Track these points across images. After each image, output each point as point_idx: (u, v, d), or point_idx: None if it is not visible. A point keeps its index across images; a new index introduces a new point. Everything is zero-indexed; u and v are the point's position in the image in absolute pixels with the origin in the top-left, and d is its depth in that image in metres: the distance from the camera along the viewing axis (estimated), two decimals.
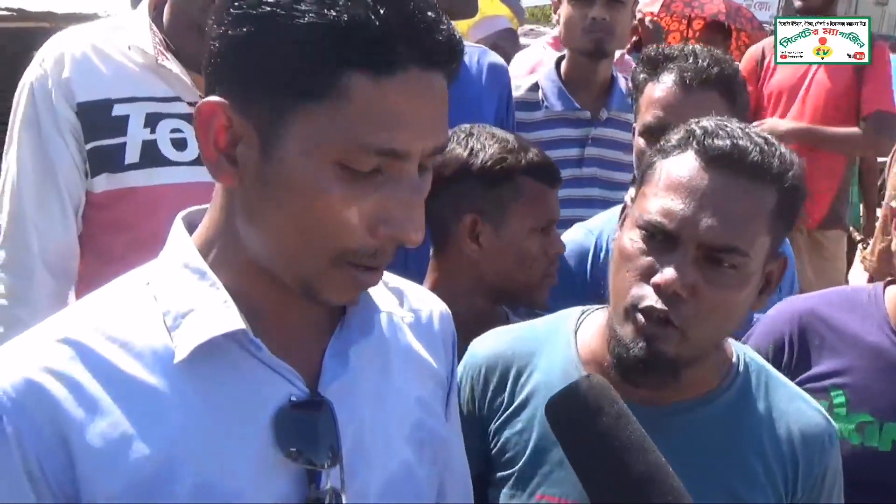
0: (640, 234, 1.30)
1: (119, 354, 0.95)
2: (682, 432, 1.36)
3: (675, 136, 1.35)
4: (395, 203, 0.92)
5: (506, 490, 1.42)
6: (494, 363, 1.48)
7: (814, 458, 1.38)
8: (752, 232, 1.27)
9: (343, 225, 0.92)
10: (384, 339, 1.12)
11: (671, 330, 1.27)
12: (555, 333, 1.49)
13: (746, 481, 1.35)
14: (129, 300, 1.00)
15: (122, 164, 1.91)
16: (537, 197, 1.82)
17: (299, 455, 0.97)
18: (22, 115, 1.93)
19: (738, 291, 1.29)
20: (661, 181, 1.31)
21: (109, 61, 1.92)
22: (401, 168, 0.92)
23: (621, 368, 1.31)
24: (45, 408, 0.91)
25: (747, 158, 1.27)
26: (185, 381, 0.96)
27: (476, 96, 2.40)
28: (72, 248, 1.98)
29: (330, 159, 0.89)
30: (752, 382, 1.42)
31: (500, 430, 1.45)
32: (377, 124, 0.88)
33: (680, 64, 1.99)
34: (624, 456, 1.16)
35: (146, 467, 0.92)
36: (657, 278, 1.26)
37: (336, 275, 0.95)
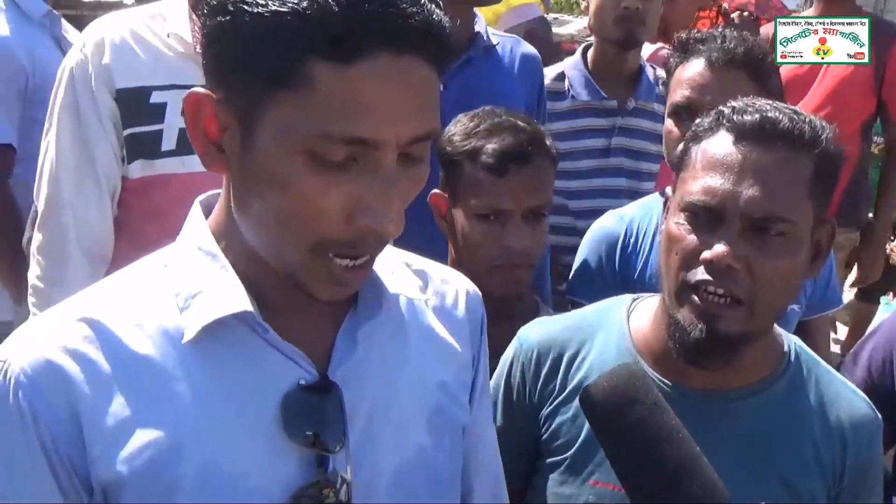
0: (685, 217, 1.32)
1: (133, 334, 0.96)
2: (738, 418, 1.38)
3: (706, 119, 1.37)
4: (370, 193, 0.90)
5: (556, 476, 1.44)
6: (546, 350, 1.50)
7: (861, 448, 1.40)
8: (793, 198, 1.29)
9: (318, 213, 0.90)
10: (402, 321, 1.11)
11: (735, 308, 1.29)
12: (606, 321, 1.51)
13: (798, 467, 1.38)
14: (147, 281, 1.01)
15: (159, 151, 1.93)
16: (478, 184, 1.81)
17: (306, 438, 0.97)
18: (61, 100, 1.95)
19: (790, 259, 1.30)
20: (698, 163, 1.33)
21: (149, 49, 1.94)
22: (375, 157, 0.89)
23: (683, 352, 1.32)
24: (61, 386, 0.92)
25: (778, 128, 1.29)
26: (193, 362, 0.96)
27: (508, 87, 2.40)
28: (107, 233, 2.00)
29: (298, 148, 0.88)
30: (804, 372, 1.44)
31: (551, 417, 1.46)
32: (342, 112, 0.86)
33: (710, 46, 2.00)
34: (659, 446, 1.16)
35: (153, 447, 0.93)
36: (707, 254, 1.28)
37: (319, 268, 0.94)
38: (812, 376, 1.44)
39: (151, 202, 1.96)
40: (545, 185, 1.85)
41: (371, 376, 1.04)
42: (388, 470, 1.04)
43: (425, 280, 1.17)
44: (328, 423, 0.98)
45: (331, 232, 0.91)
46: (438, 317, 1.16)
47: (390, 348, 1.08)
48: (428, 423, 1.10)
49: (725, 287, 1.28)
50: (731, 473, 1.29)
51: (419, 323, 1.13)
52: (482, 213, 1.81)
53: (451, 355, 1.16)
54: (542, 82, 2.57)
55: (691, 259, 1.30)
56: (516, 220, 1.80)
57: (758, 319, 1.31)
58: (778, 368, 1.43)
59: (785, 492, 1.37)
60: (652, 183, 2.68)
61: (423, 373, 1.11)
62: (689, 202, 1.31)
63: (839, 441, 1.39)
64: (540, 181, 1.83)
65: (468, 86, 2.35)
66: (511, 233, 1.79)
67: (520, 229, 1.80)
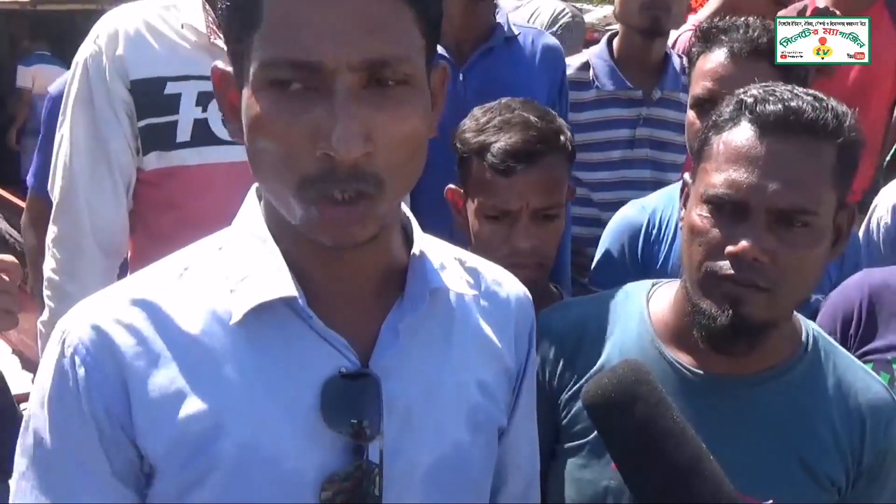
0: (708, 209, 1.32)
1: (184, 314, 0.99)
2: (758, 402, 1.39)
3: (727, 108, 1.37)
4: (324, 117, 0.89)
5: (576, 460, 1.43)
6: (566, 334, 1.50)
7: (879, 431, 1.40)
8: (818, 190, 1.29)
9: (288, 147, 0.91)
10: (448, 316, 1.11)
11: (759, 293, 1.29)
12: (626, 306, 1.51)
13: (817, 450, 1.38)
14: (202, 263, 1.04)
15: (174, 143, 1.92)
16: (485, 183, 1.77)
17: (344, 426, 0.97)
18: (76, 91, 1.94)
19: (813, 249, 1.31)
20: (720, 155, 1.33)
21: (163, 39, 1.93)
22: (327, 82, 0.89)
23: (709, 339, 1.33)
24: (113, 356, 0.96)
25: (802, 119, 1.29)
26: (239, 344, 0.99)
27: (528, 78, 2.37)
28: (122, 225, 2.00)
29: (260, 84, 0.91)
30: (821, 356, 1.44)
31: (571, 402, 1.46)
32: (284, 37, 0.89)
33: (732, 35, 1.96)
34: (664, 445, 1.15)
35: (197, 423, 0.96)
36: (733, 248, 1.28)
37: (312, 212, 0.93)
38: (830, 361, 1.44)
39: (166, 194, 1.95)
40: (555, 185, 1.79)
41: (413, 369, 1.05)
42: (425, 463, 1.04)
43: (476, 278, 1.17)
44: (365, 412, 0.99)
45: (304, 166, 0.91)
46: (485, 317, 1.15)
47: (434, 342, 1.08)
48: (467, 421, 1.09)
49: (750, 280, 1.28)
50: (752, 457, 1.32)
51: (465, 319, 1.13)
52: (490, 214, 1.77)
53: (493, 356, 1.15)
54: (564, 74, 2.54)
55: (715, 252, 1.31)
56: (524, 220, 1.75)
57: (781, 306, 1.33)
58: (796, 353, 1.43)
59: (804, 475, 1.37)
60: (677, 174, 2.63)
61: (465, 370, 1.11)
62: (714, 195, 1.31)
63: (858, 425, 1.39)
64: (549, 181, 1.77)
65: (488, 76, 2.34)
66: (518, 233, 1.75)
67: (528, 230, 1.75)
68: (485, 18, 2.39)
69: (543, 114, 1.82)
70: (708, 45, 1.99)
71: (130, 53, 1.91)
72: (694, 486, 1.13)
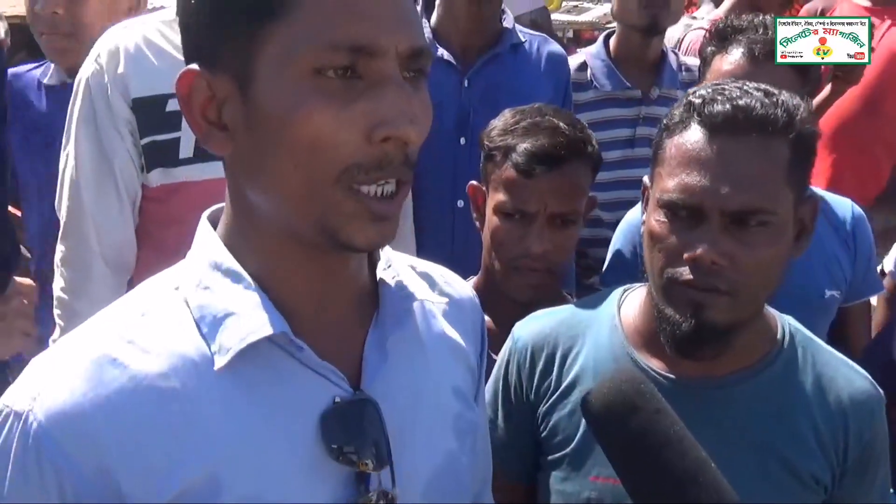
0: (664, 213, 1.32)
1: (154, 367, 0.91)
2: (734, 403, 1.38)
3: (677, 110, 1.35)
4: (383, 103, 0.87)
5: (558, 472, 1.43)
6: (540, 346, 1.49)
7: (863, 425, 1.38)
8: (772, 188, 1.28)
9: (336, 139, 0.87)
10: (419, 327, 1.09)
11: (720, 296, 1.28)
12: (598, 313, 1.50)
13: (798, 448, 1.37)
14: (159, 307, 0.95)
15: (177, 159, 1.95)
16: (507, 181, 1.79)
17: (347, 457, 0.93)
18: (79, 110, 1.98)
19: (773, 247, 1.30)
20: (672, 159, 1.32)
21: (163, 56, 1.96)
22: (378, 68, 0.88)
23: (674, 345, 1.33)
24: (84, 440, 0.87)
25: (751, 116, 1.27)
26: (224, 390, 0.92)
27: (533, 83, 2.39)
28: (129, 242, 2.03)
29: (302, 73, 0.87)
30: (799, 352, 1.42)
31: (549, 413, 1.46)
32: (336, 19, 0.86)
33: (749, 36, 1.97)
34: (663, 454, 1.14)
35: (193, 484, 0.89)
36: (690, 254, 1.28)
37: (348, 205, 0.89)
38: (808, 356, 1.43)
39: (171, 209, 1.99)
40: (576, 192, 1.81)
41: (400, 385, 1.02)
42: (424, 478, 1.03)
43: (431, 283, 1.15)
44: (367, 438, 0.95)
45: (353, 155, 0.88)
46: (447, 319, 1.15)
47: (413, 355, 1.06)
48: (453, 429, 1.09)
49: (710, 284, 1.28)
50: (732, 459, 1.29)
51: (432, 326, 1.12)
52: (507, 212, 1.80)
53: (461, 357, 1.15)
54: (569, 80, 2.56)
55: (675, 257, 1.30)
56: (540, 222, 1.77)
57: (744, 307, 1.32)
58: (772, 350, 1.42)
59: (787, 474, 1.36)
60: None
61: (442, 377, 1.10)
62: (668, 200, 1.31)
63: (840, 420, 1.38)
64: (570, 187, 1.79)
65: (494, 81, 2.37)
66: (532, 235, 1.77)
67: (542, 233, 1.77)
68: (491, 24, 2.42)
69: (573, 122, 1.86)
70: (724, 45, 2.00)
71: (131, 71, 1.95)
72: (695, 495, 1.12)
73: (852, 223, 2.10)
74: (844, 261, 2.07)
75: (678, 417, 1.16)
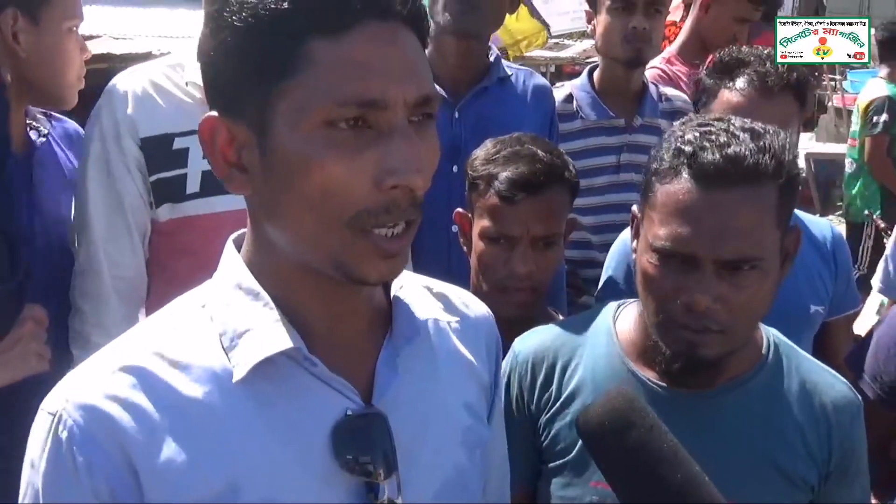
0: (657, 257, 1.35)
1: (179, 378, 0.97)
2: (726, 412, 1.43)
3: (666, 154, 1.36)
4: (391, 153, 0.93)
5: (559, 479, 1.48)
6: (540, 359, 1.55)
7: (844, 427, 1.44)
8: (763, 234, 1.31)
9: (347, 186, 0.92)
10: (432, 345, 1.14)
11: (713, 335, 1.33)
12: (595, 327, 1.56)
13: (787, 453, 1.42)
14: (187, 323, 1.02)
15: (184, 194, 2.03)
16: (491, 208, 1.88)
17: (357, 468, 0.98)
18: (92, 151, 2.06)
19: (763, 285, 1.34)
20: (664, 206, 1.34)
21: (169, 98, 2.05)
22: (387, 120, 0.93)
23: (668, 373, 1.40)
24: (114, 436, 0.93)
25: (742, 167, 1.28)
26: (243, 401, 0.97)
27: (520, 115, 2.46)
28: (140, 275, 2.11)
29: (314, 124, 0.91)
30: (783, 361, 1.48)
31: (549, 423, 1.51)
32: (347, 78, 0.91)
33: (758, 69, 2.02)
34: (659, 470, 1.16)
35: (211, 490, 0.94)
36: (685, 300, 1.32)
37: (360, 245, 0.95)
38: (792, 364, 1.49)
39: (180, 242, 2.06)
40: (556, 215, 1.90)
41: (410, 400, 1.07)
42: (431, 490, 1.07)
43: (446, 303, 1.21)
44: (377, 450, 0.99)
45: (363, 201, 0.93)
46: (460, 338, 1.19)
47: (425, 371, 1.11)
48: (462, 443, 1.13)
49: (704, 326, 1.32)
50: (726, 463, 1.34)
51: (445, 345, 1.17)
52: (492, 237, 1.89)
53: (473, 375, 1.19)
54: (554, 110, 2.63)
55: (668, 300, 1.35)
56: (523, 245, 1.86)
57: (736, 340, 1.38)
58: (758, 361, 1.48)
59: (781, 479, 1.42)
60: None
61: (453, 393, 1.14)
62: (661, 247, 1.33)
63: (824, 424, 1.44)
64: (550, 211, 1.88)
65: (483, 113, 2.44)
66: (516, 258, 1.86)
67: (526, 255, 1.86)
68: (479, 60, 2.50)
69: (550, 149, 1.95)
70: (730, 77, 2.06)
71: (139, 113, 2.03)
72: None
73: (832, 243, 2.19)
74: (827, 278, 2.15)
75: (671, 433, 1.19)
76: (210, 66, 0.98)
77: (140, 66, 2.16)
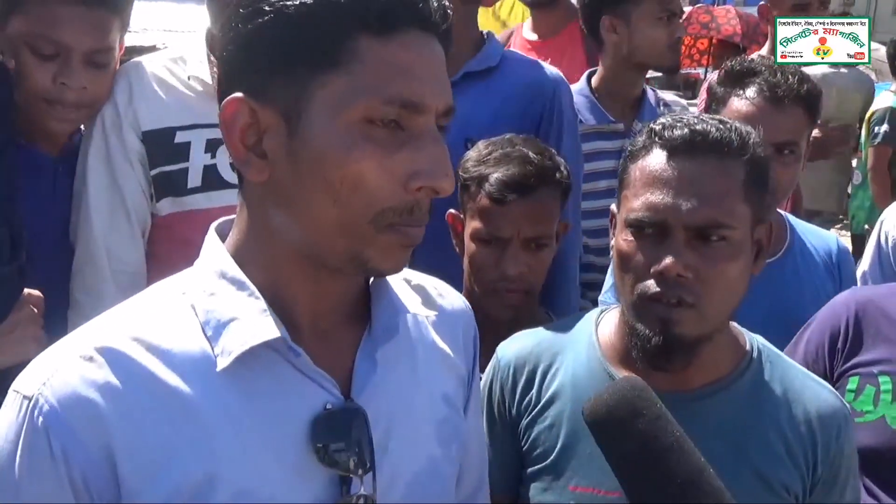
0: (631, 232, 1.40)
1: (157, 364, 0.97)
2: (707, 415, 1.43)
3: (639, 138, 1.45)
4: (423, 155, 0.96)
5: (538, 483, 1.49)
6: (521, 363, 1.57)
7: (831, 437, 1.44)
8: (730, 203, 1.36)
9: (377, 183, 0.95)
10: (410, 338, 1.16)
11: (686, 310, 1.35)
12: (576, 332, 1.58)
13: (770, 460, 1.42)
14: (166, 309, 1.01)
15: (185, 188, 2.04)
16: (482, 209, 1.90)
17: (333, 461, 0.99)
18: (93, 144, 2.07)
19: (734, 261, 1.38)
20: (637, 181, 1.41)
21: (171, 91, 2.06)
22: (421, 123, 0.97)
23: (645, 358, 1.39)
24: (92, 423, 0.93)
25: (708, 139, 1.37)
26: (223, 391, 0.98)
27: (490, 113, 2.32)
28: (140, 268, 2.12)
29: (354, 120, 0.94)
30: (767, 367, 1.49)
31: (529, 427, 1.52)
32: (392, 78, 0.95)
33: (768, 79, 2.04)
34: (665, 458, 1.17)
35: (189, 479, 0.95)
36: (657, 267, 1.35)
37: (381, 239, 0.98)
38: (777, 371, 1.49)
39: (180, 236, 2.06)
40: (547, 217, 1.92)
41: (388, 394, 1.09)
42: (404, 481, 1.08)
43: (424, 296, 1.23)
44: (354, 444, 1.01)
45: (389, 200, 0.97)
46: (438, 330, 1.21)
47: (403, 365, 1.13)
48: (437, 435, 1.15)
49: (677, 296, 1.35)
50: None
51: (424, 338, 1.19)
52: (483, 238, 1.91)
53: (451, 368, 1.21)
54: (553, 107, 2.46)
55: (643, 273, 1.38)
56: (515, 247, 1.88)
57: (709, 320, 1.39)
58: (740, 365, 1.48)
59: (760, 485, 1.41)
60: None
61: (431, 386, 1.16)
62: (634, 218, 1.39)
63: (808, 433, 1.43)
64: (541, 212, 1.90)
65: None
66: (508, 259, 1.88)
67: (517, 256, 1.88)
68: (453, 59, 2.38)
69: (542, 150, 1.96)
70: (741, 87, 2.08)
71: (141, 106, 2.04)
72: (695, 498, 1.15)
73: (838, 256, 2.21)
74: (830, 291, 2.15)
75: (678, 424, 1.21)
76: (241, 49, 0.99)
77: (142, 59, 2.17)
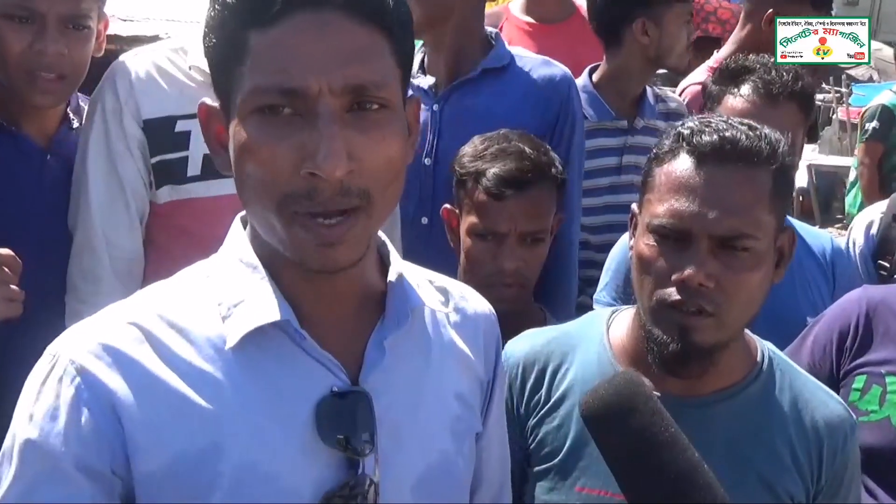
0: (654, 238, 1.38)
1: (177, 340, 1.03)
2: (716, 421, 1.43)
3: (666, 140, 1.42)
4: (309, 138, 0.95)
5: (544, 482, 1.48)
6: (531, 362, 1.55)
7: (837, 447, 1.43)
8: (756, 214, 1.34)
9: (272, 168, 0.96)
10: (427, 333, 1.17)
11: (706, 318, 1.34)
12: (588, 333, 1.56)
13: (776, 468, 1.42)
14: (190, 291, 1.08)
15: (185, 177, 2.04)
16: (478, 204, 1.91)
17: (338, 442, 1.01)
18: (93, 131, 2.06)
19: (756, 271, 1.36)
20: (662, 185, 1.38)
21: (172, 81, 2.05)
22: (310, 107, 0.96)
23: (662, 364, 1.38)
24: (107, 380, 0.98)
25: (737, 147, 1.34)
26: (235, 367, 1.02)
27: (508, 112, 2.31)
28: (138, 255, 2.11)
29: (248, 112, 0.97)
30: (777, 375, 1.48)
31: (537, 427, 1.51)
32: (271, 67, 0.96)
33: (763, 76, 2.05)
34: (660, 454, 1.18)
35: (195, 444, 0.99)
36: (679, 276, 1.33)
37: (297, 232, 0.98)
38: (786, 379, 1.49)
39: (178, 223, 2.06)
40: (543, 212, 1.93)
41: (399, 384, 1.10)
42: (414, 473, 1.10)
43: (446, 296, 1.23)
44: (358, 427, 1.03)
45: (285, 186, 0.97)
46: (457, 330, 1.22)
47: (416, 358, 1.14)
48: (450, 431, 1.16)
49: (697, 305, 1.33)
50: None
51: (441, 335, 1.19)
52: (480, 233, 1.91)
53: (467, 367, 1.21)
54: (565, 109, 2.41)
55: (663, 279, 1.37)
56: (510, 241, 1.89)
57: (728, 329, 1.38)
58: (751, 372, 1.48)
59: (765, 492, 1.41)
60: None
61: (444, 382, 1.17)
62: (658, 224, 1.37)
63: (815, 442, 1.43)
64: (537, 208, 1.91)
65: (462, 106, 2.35)
66: (504, 253, 1.89)
67: (513, 251, 1.89)
68: (462, 53, 2.39)
69: (537, 146, 1.96)
70: (735, 84, 2.09)
71: (142, 95, 2.03)
72: (689, 494, 1.16)
73: (832, 255, 2.21)
74: (824, 289, 2.17)
75: (673, 421, 1.21)
76: (206, 50, 1.05)
77: (143, 48, 2.16)
